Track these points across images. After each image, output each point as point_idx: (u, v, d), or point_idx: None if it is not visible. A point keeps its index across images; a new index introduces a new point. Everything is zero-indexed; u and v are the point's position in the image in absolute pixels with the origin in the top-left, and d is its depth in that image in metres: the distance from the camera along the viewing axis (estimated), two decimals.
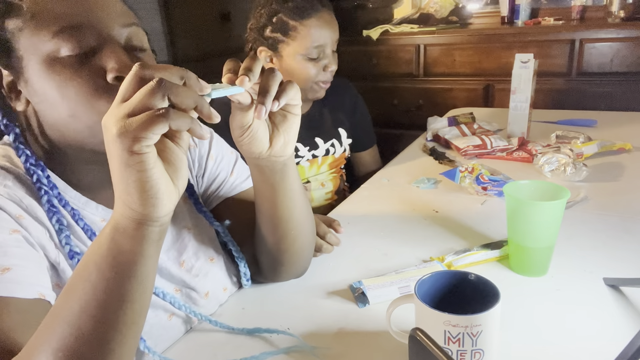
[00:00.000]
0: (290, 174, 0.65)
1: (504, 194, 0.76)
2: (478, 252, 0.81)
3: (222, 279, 0.76)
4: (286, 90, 0.54)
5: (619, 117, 1.62)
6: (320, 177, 1.43)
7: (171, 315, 0.67)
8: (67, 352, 0.44)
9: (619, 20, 2.09)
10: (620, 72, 2.03)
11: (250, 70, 0.51)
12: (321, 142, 1.39)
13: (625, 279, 0.71)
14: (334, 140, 1.42)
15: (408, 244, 0.89)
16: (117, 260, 0.45)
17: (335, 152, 1.43)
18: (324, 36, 1.24)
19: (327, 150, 1.41)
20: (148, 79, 0.42)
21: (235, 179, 0.81)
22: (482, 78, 2.28)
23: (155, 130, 0.41)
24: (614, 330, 0.63)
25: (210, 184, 0.80)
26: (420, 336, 0.42)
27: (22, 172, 0.59)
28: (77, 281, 0.46)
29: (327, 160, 1.42)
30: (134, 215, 0.44)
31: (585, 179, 1.11)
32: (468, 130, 1.48)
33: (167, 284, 0.69)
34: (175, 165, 0.46)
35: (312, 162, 1.39)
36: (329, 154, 1.42)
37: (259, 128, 0.57)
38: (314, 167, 1.40)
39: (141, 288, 0.47)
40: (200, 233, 0.75)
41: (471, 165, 1.14)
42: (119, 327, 0.46)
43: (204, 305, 0.72)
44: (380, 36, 2.39)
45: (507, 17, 2.39)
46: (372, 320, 0.68)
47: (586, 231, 0.89)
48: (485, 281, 0.56)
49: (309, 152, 1.37)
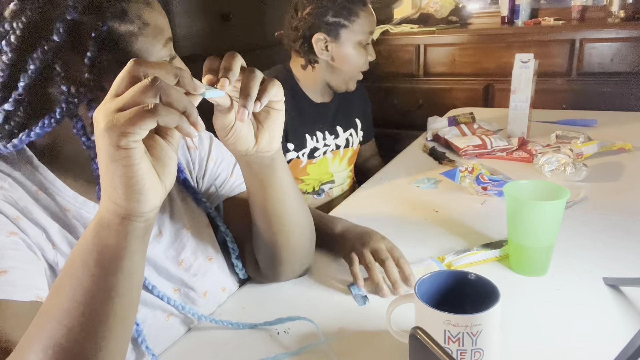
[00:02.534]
0: (279, 168, 0.65)
1: (504, 193, 0.76)
2: (478, 252, 0.81)
3: (221, 279, 0.76)
4: (267, 89, 0.54)
5: (619, 117, 1.62)
6: (341, 176, 1.44)
7: (169, 315, 0.67)
8: (58, 348, 0.44)
9: (619, 20, 2.09)
10: (620, 72, 2.03)
11: (229, 70, 0.51)
12: (341, 131, 1.43)
13: (625, 279, 0.71)
14: (352, 130, 1.46)
15: (408, 244, 0.89)
16: (102, 256, 0.45)
17: (353, 144, 1.47)
18: (374, 23, 1.34)
19: (347, 140, 1.44)
20: (142, 76, 0.43)
21: (234, 180, 0.81)
22: (482, 78, 2.28)
23: (142, 125, 0.41)
24: (614, 330, 0.63)
25: (211, 185, 0.80)
26: (421, 335, 0.42)
27: (19, 174, 0.59)
28: (65, 278, 0.46)
29: (347, 153, 1.45)
30: (118, 210, 0.44)
31: (585, 179, 1.11)
32: (468, 130, 1.48)
33: (165, 284, 0.69)
34: (164, 161, 0.46)
35: (335, 153, 1.41)
36: (349, 145, 1.45)
37: (242, 127, 0.57)
38: (336, 159, 1.42)
39: (128, 283, 0.47)
40: (198, 233, 0.75)
41: (471, 165, 1.14)
42: (109, 323, 0.46)
43: (203, 305, 0.72)
44: (380, 36, 2.39)
45: (507, 17, 2.39)
46: (372, 320, 0.68)
47: (586, 231, 0.89)
48: (485, 281, 0.56)
49: (333, 140, 1.40)
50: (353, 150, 1.47)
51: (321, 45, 1.28)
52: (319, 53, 1.29)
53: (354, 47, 1.30)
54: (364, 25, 1.29)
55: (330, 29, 1.27)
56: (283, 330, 0.67)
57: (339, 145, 1.42)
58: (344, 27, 1.27)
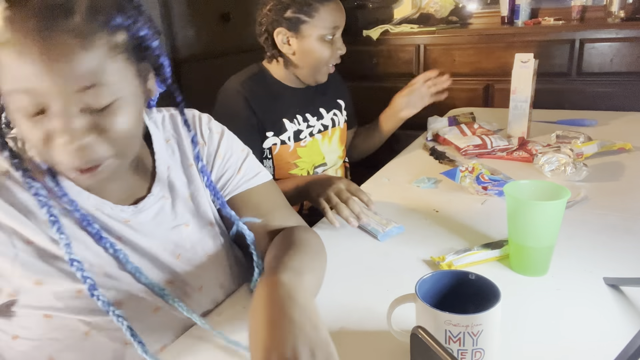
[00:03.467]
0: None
1: (505, 193, 0.76)
2: (478, 252, 0.81)
3: (220, 276, 0.76)
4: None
5: (619, 117, 1.62)
6: (333, 157, 1.46)
7: (157, 309, 0.68)
8: None
9: (619, 20, 2.09)
10: (620, 72, 2.03)
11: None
12: (324, 111, 1.45)
13: (625, 279, 0.71)
14: (336, 110, 1.49)
15: (408, 244, 0.89)
16: None
17: (339, 122, 1.49)
18: (340, 18, 1.33)
19: (332, 120, 1.47)
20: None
21: (242, 177, 0.81)
22: (482, 78, 2.28)
23: None
24: (614, 330, 0.63)
25: (217, 182, 0.80)
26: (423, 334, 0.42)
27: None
28: None
29: (336, 132, 1.48)
30: None
31: (585, 179, 1.11)
32: (468, 130, 1.48)
33: (160, 275, 0.69)
34: None
35: (323, 134, 1.44)
36: (335, 124, 1.47)
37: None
38: (325, 139, 1.44)
39: None
40: (200, 230, 0.75)
41: (471, 164, 1.14)
42: None
43: (197, 300, 0.72)
44: (380, 36, 2.39)
45: (507, 17, 2.39)
46: (373, 320, 0.68)
47: (586, 231, 0.89)
48: (485, 281, 0.56)
49: (317, 122, 1.42)
50: (340, 129, 1.49)
51: (282, 39, 1.30)
52: (280, 47, 1.31)
53: (317, 41, 1.30)
54: (325, 20, 1.29)
55: (290, 24, 1.28)
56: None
57: (326, 126, 1.45)
58: (304, 23, 1.28)
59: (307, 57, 1.32)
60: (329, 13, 1.29)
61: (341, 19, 1.34)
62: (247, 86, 1.30)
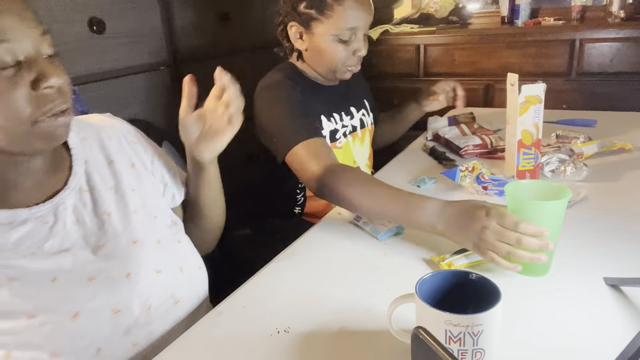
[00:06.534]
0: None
1: (505, 193, 0.76)
2: None
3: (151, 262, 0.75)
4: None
5: (619, 117, 1.62)
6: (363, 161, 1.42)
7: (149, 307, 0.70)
8: None
9: (619, 20, 2.09)
10: (620, 72, 2.03)
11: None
12: (355, 111, 1.40)
13: (625, 279, 0.71)
14: (363, 111, 1.44)
15: (408, 244, 0.89)
16: None
17: (367, 124, 1.44)
18: (359, 18, 1.20)
19: (361, 120, 1.41)
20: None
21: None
22: (482, 78, 2.28)
23: None
24: (614, 330, 0.63)
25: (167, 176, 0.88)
26: (424, 335, 0.42)
27: None
28: None
29: (365, 134, 1.43)
30: None
31: (585, 179, 1.11)
32: (468, 129, 1.48)
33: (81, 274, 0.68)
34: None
35: (354, 136, 1.38)
36: (364, 125, 1.43)
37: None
38: (356, 142, 1.39)
39: None
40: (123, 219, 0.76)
41: (471, 164, 1.14)
42: None
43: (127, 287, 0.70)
44: (380, 36, 2.39)
45: (507, 17, 2.39)
46: (373, 320, 0.68)
47: (586, 231, 0.89)
48: (486, 281, 0.56)
49: (350, 121, 1.37)
50: (369, 130, 1.44)
51: (295, 34, 1.24)
52: (293, 41, 1.25)
53: (329, 41, 1.20)
54: (340, 20, 1.17)
55: (302, 19, 1.21)
56: (283, 329, 0.67)
57: (355, 127, 1.38)
58: (315, 20, 1.19)
59: (318, 55, 1.23)
60: (346, 13, 1.17)
61: (361, 20, 1.20)
62: (290, 80, 1.22)
